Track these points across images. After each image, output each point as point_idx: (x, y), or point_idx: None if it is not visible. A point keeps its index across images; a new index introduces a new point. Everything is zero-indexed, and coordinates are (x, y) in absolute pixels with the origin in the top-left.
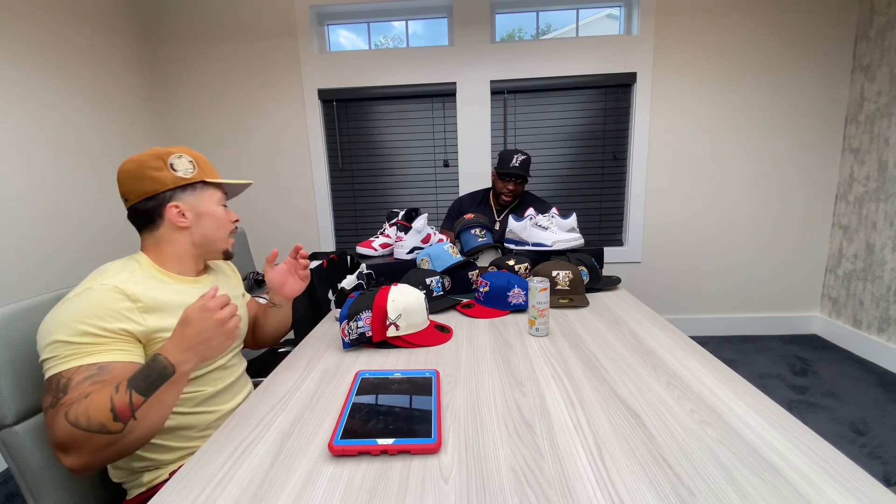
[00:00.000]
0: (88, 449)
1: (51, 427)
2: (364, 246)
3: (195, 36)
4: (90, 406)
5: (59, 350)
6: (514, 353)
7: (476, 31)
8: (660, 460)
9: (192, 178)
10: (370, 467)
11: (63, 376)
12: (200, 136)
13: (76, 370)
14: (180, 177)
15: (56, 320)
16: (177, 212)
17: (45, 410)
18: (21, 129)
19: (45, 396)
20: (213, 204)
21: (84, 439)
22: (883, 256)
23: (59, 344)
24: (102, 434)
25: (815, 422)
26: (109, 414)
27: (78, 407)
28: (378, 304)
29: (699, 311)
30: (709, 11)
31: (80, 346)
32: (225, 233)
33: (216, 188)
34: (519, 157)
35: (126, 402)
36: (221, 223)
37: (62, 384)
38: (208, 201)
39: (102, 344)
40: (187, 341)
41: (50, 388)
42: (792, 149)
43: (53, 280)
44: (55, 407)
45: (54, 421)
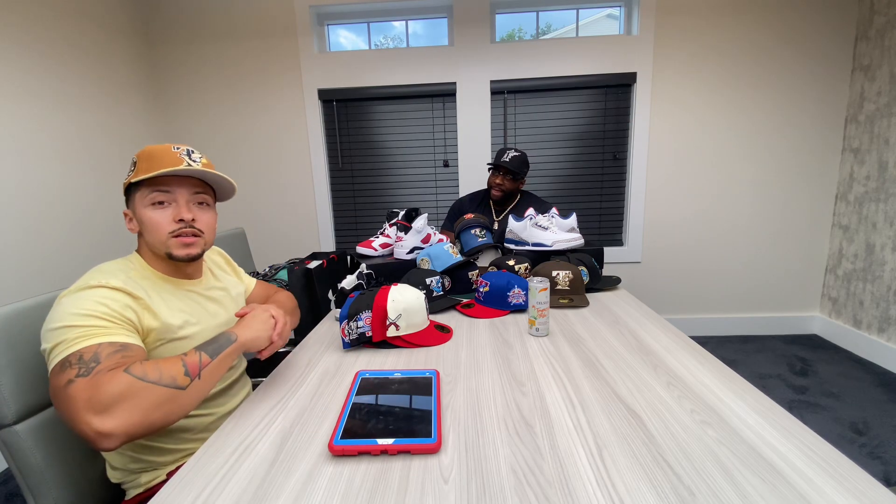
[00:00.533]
0: (142, 405)
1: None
2: (364, 246)
3: (195, 36)
4: (160, 363)
5: (66, 334)
6: (514, 353)
7: (476, 31)
8: (660, 460)
9: (126, 182)
10: (370, 467)
11: (83, 353)
12: (200, 135)
13: (98, 346)
14: (125, 181)
15: (57, 313)
16: (127, 218)
17: (68, 384)
18: (21, 128)
19: (63, 372)
20: (142, 206)
21: (144, 393)
22: (883, 256)
23: (64, 329)
24: (168, 388)
25: (815, 422)
26: (182, 369)
27: (143, 365)
28: (378, 304)
29: (699, 311)
30: (709, 11)
31: (89, 329)
32: (160, 236)
33: (146, 187)
34: (511, 153)
35: (196, 361)
36: (151, 226)
37: (88, 357)
38: (139, 206)
39: (111, 326)
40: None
41: (70, 364)
42: (792, 149)
43: (54, 280)
44: (89, 375)
45: (96, 381)
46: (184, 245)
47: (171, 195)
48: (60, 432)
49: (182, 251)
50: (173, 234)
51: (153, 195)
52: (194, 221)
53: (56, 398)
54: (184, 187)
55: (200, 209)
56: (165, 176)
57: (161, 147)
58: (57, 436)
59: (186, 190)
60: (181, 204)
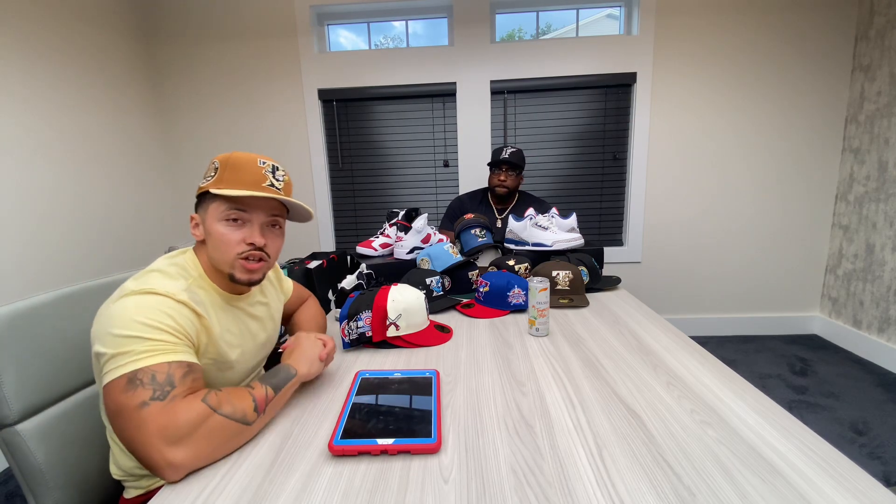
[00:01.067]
0: (214, 438)
1: (170, 415)
2: (364, 246)
3: (195, 36)
4: (232, 396)
5: (133, 345)
6: (514, 353)
7: (476, 31)
8: (660, 460)
9: (203, 187)
10: (370, 467)
11: (155, 371)
12: (200, 135)
13: (169, 366)
14: (200, 185)
15: (119, 316)
16: (193, 223)
17: (141, 405)
18: (22, 128)
19: (134, 390)
20: (213, 220)
21: (217, 426)
22: (883, 256)
23: (131, 339)
24: (238, 423)
25: (815, 422)
26: (251, 404)
27: (217, 395)
28: (378, 304)
29: (699, 311)
30: (709, 11)
31: (157, 343)
32: (226, 255)
33: (223, 200)
34: (509, 149)
35: (263, 395)
36: (220, 243)
37: (162, 378)
38: (210, 216)
39: (179, 344)
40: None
41: (140, 382)
42: (792, 149)
43: (56, 279)
44: (165, 398)
45: (174, 409)
46: (248, 270)
47: (248, 214)
48: (62, 432)
49: (245, 276)
50: (241, 256)
51: (229, 212)
52: (265, 246)
53: (121, 416)
54: (262, 208)
55: (272, 232)
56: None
57: (247, 157)
58: (58, 436)
59: (264, 211)
60: (255, 226)
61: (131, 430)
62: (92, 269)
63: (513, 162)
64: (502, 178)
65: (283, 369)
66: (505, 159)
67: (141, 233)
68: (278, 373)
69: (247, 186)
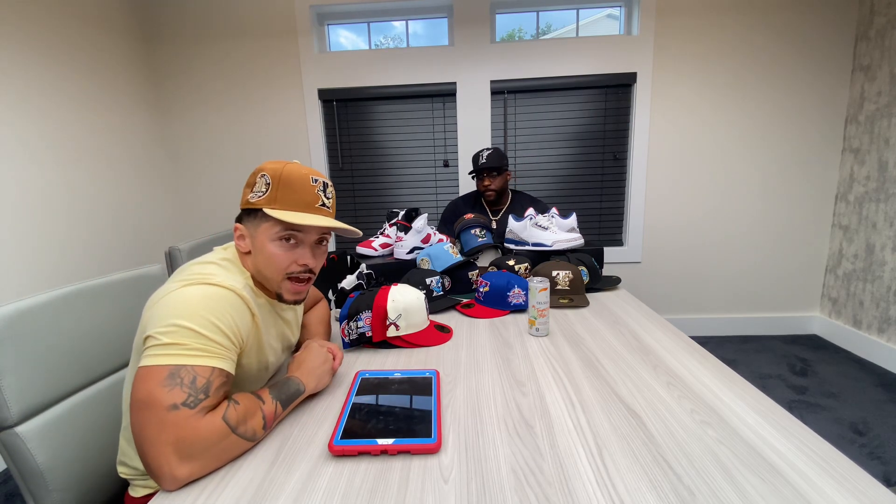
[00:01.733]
0: (223, 456)
1: (193, 428)
2: (364, 246)
3: (195, 36)
4: (247, 412)
5: (188, 338)
6: (514, 353)
7: (476, 31)
8: (660, 460)
9: (255, 203)
10: (370, 467)
11: (198, 373)
12: (200, 136)
13: (212, 372)
14: (248, 199)
15: (182, 303)
16: (238, 234)
17: (172, 408)
18: (21, 129)
19: (171, 388)
20: (266, 238)
21: (230, 444)
22: (883, 257)
23: (188, 332)
24: (248, 441)
25: (815, 422)
26: (261, 422)
27: (235, 411)
28: (378, 304)
29: (699, 311)
30: (709, 11)
31: (213, 344)
32: (277, 274)
33: (277, 221)
34: (485, 152)
35: (273, 412)
36: (271, 262)
37: (201, 384)
38: (263, 234)
39: (230, 349)
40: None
41: (181, 381)
42: (792, 149)
43: (54, 279)
44: (195, 407)
45: (197, 423)
46: (295, 292)
47: (301, 235)
48: (62, 434)
49: (292, 297)
50: (289, 276)
51: (283, 233)
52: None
53: (148, 409)
54: (315, 230)
55: (319, 249)
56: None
57: (300, 175)
58: (58, 437)
59: (316, 231)
60: (307, 245)
61: (151, 427)
62: (91, 270)
63: (491, 166)
64: (486, 182)
65: (293, 384)
66: (484, 165)
67: (141, 233)
68: (288, 387)
69: (301, 208)
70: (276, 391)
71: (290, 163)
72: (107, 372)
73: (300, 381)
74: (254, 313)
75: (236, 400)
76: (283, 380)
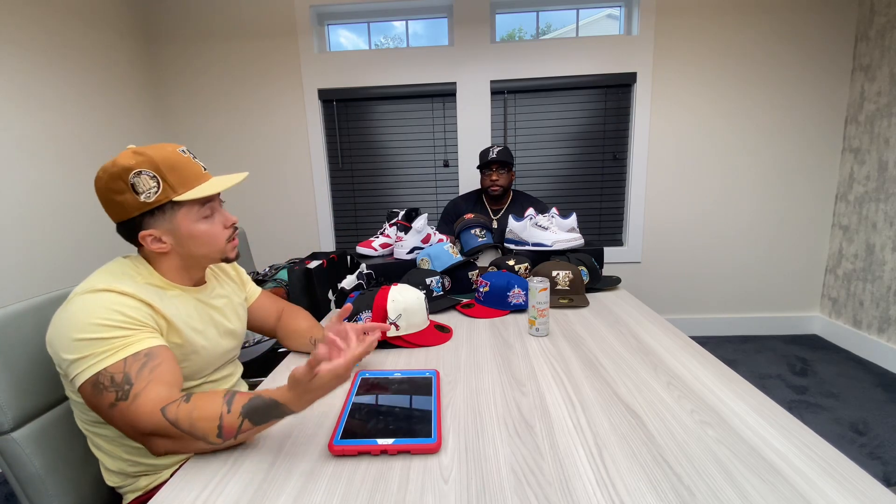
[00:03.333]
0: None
1: (133, 418)
2: (364, 246)
3: (195, 36)
4: (196, 414)
5: (89, 348)
6: (514, 353)
7: (476, 31)
8: (660, 460)
9: (156, 200)
10: (370, 467)
11: (112, 372)
12: (200, 136)
13: (124, 362)
14: (143, 201)
15: (71, 320)
16: (151, 239)
17: (111, 406)
18: (21, 129)
19: (101, 395)
20: (190, 222)
21: (177, 437)
22: (883, 256)
23: (85, 342)
24: (199, 440)
25: (815, 422)
26: (215, 430)
27: (179, 408)
28: (378, 304)
29: (699, 311)
30: (709, 11)
31: (111, 340)
32: (217, 245)
33: (193, 203)
34: (495, 148)
35: (235, 425)
36: (208, 239)
37: (119, 379)
38: (184, 221)
39: (133, 333)
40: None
41: (103, 386)
42: (792, 149)
43: (52, 282)
44: (127, 399)
45: (135, 412)
46: (235, 247)
47: (214, 205)
48: (58, 439)
49: (234, 252)
50: (229, 240)
51: (204, 210)
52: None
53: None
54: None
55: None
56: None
57: (173, 154)
58: (54, 442)
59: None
60: (219, 209)
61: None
62: (88, 272)
63: (502, 160)
64: (494, 177)
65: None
66: (494, 159)
67: None
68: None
69: (198, 180)
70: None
71: (138, 150)
72: None
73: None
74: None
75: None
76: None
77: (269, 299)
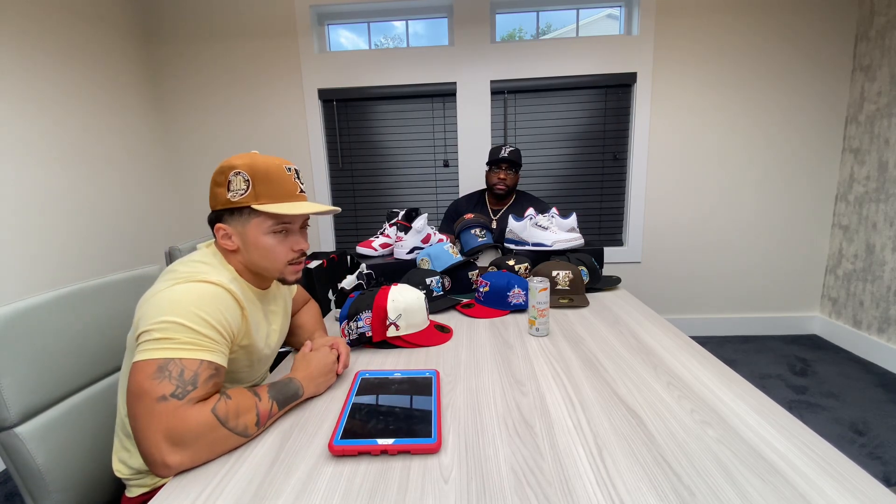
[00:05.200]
0: (214, 448)
1: (178, 419)
2: (364, 246)
3: (195, 36)
4: (240, 408)
5: (177, 333)
6: (514, 353)
7: (476, 31)
8: (660, 460)
9: (238, 201)
10: (370, 467)
11: (186, 366)
12: (200, 136)
13: (200, 364)
14: (228, 199)
15: (172, 300)
16: (223, 234)
17: (161, 398)
18: (21, 128)
19: (160, 381)
20: (259, 233)
21: (219, 437)
22: (883, 257)
23: (178, 327)
24: (239, 436)
25: (815, 422)
26: (255, 418)
27: (226, 405)
28: (378, 304)
29: (699, 311)
30: (709, 11)
31: (202, 338)
32: (277, 264)
33: (268, 216)
34: (507, 148)
35: (268, 411)
36: (270, 255)
37: (188, 376)
38: (254, 230)
39: (219, 342)
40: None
41: (168, 373)
42: (792, 149)
43: (54, 280)
44: (182, 399)
45: (184, 414)
46: (296, 272)
47: (291, 225)
48: (62, 434)
49: (294, 277)
50: (290, 262)
51: (277, 227)
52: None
53: (140, 401)
54: (301, 216)
55: (304, 231)
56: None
57: (275, 166)
58: (58, 438)
59: (301, 217)
60: (296, 231)
61: (144, 418)
62: (90, 270)
63: (512, 160)
64: (502, 176)
65: (292, 386)
66: (504, 157)
67: (141, 233)
68: (287, 389)
69: (286, 198)
70: (274, 391)
71: (255, 154)
72: (106, 372)
73: (300, 384)
74: (243, 306)
75: (228, 395)
76: (285, 380)
77: (301, 293)
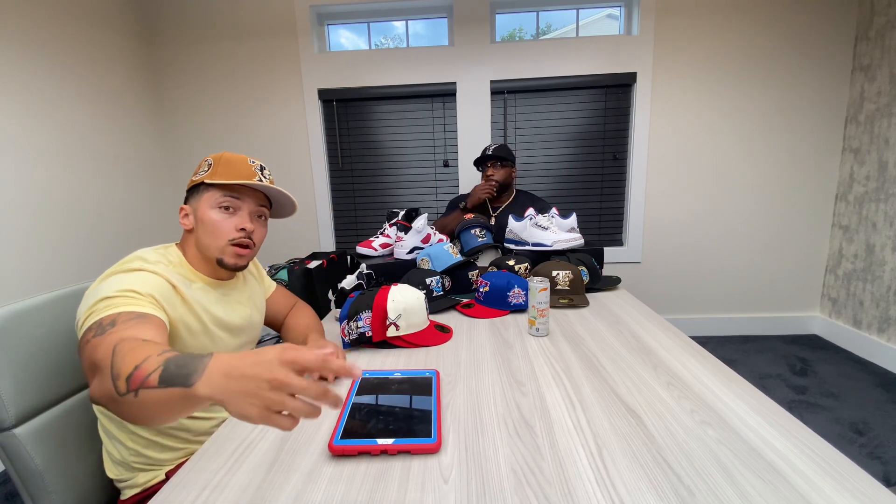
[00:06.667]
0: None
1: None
2: (364, 246)
3: (195, 36)
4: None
5: (97, 305)
6: (514, 353)
7: (476, 31)
8: (660, 460)
9: (197, 180)
10: (370, 467)
11: (105, 318)
12: (201, 136)
13: (118, 314)
14: (191, 179)
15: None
16: (183, 214)
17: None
18: (21, 128)
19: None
20: (207, 207)
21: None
22: (883, 256)
23: (97, 301)
24: (110, 382)
25: (815, 422)
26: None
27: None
28: (378, 304)
29: (699, 311)
30: (709, 11)
31: (117, 299)
32: (219, 241)
33: (217, 189)
34: (493, 146)
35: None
36: (213, 229)
37: (107, 322)
38: (204, 204)
39: (139, 299)
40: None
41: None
42: (792, 149)
43: (53, 281)
44: (101, 335)
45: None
46: (237, 255)
47: (239, 202)
48: (60, 435)
49: (233, 260)
50: (232, 242)
51: (223, 199)
52: (252, 233)
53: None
54: (251, 199)
55: (258, 222)
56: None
57: (238, 157)
58: (57, 439)
59: (253, 201)
60: (245, 214)
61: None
62: (90, 270)
63: (497, 155)
64: (490, 172)
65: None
66: (489, 155)
67: (140, 233)
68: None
69: (240, 178)
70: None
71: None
72: None
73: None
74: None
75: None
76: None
77: (283, 295)
